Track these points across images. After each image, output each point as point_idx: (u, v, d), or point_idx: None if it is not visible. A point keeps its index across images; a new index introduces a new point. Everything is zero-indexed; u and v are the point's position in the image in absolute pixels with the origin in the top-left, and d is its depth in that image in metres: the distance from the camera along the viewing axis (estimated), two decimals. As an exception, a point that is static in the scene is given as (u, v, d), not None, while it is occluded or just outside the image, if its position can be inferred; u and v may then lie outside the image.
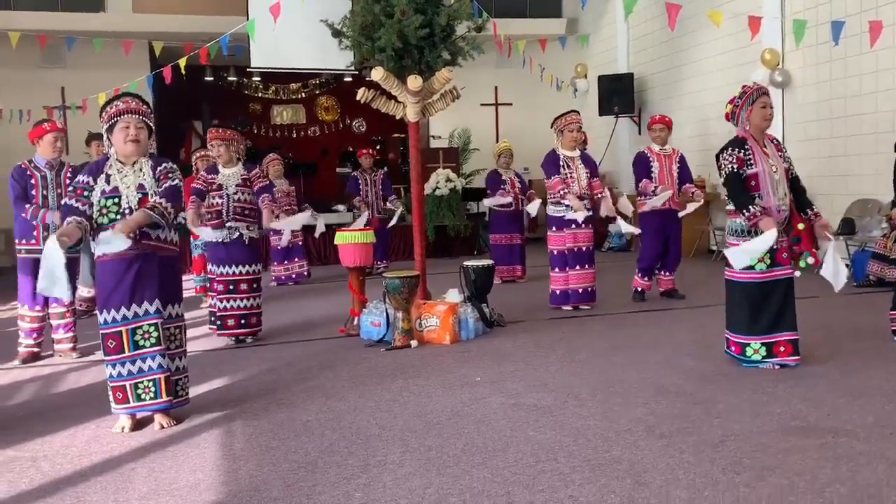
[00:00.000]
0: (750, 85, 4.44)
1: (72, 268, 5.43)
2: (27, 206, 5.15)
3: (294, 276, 9.18)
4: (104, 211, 3.65)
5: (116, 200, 3.66)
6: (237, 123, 13.27)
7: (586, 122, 9.40)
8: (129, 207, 3.65)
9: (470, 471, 3.00)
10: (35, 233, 5.23)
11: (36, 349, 5.40)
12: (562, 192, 6.35)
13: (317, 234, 8.05)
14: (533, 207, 7.70)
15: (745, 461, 2.98)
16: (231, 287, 5.63)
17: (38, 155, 5.28)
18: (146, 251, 3.67)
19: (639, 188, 6.82)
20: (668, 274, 6.93)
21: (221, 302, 5.65)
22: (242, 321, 5.69)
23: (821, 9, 8.38)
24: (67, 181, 5.27)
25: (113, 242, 3.54)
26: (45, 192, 5.23)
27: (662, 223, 6.75)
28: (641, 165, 6.82)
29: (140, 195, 3.69)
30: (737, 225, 4.34)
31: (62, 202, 3.67)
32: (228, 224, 5.64)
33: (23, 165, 5.26)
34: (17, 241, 5.31)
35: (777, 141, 4.49)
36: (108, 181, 3.69)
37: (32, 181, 5.21)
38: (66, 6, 11.76)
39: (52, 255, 3.37)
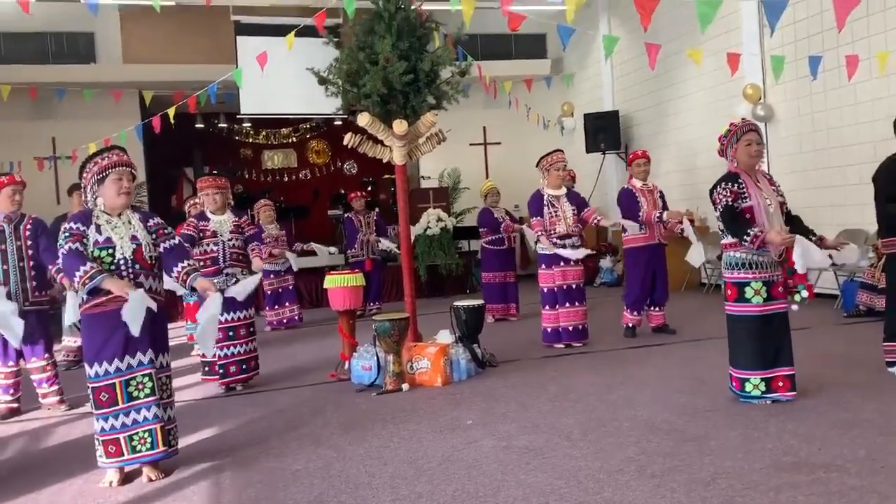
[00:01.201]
0: (737, 122, 4.48)
1: (47, 321, 5.41)
2: None
3: (286, 320, 9.16)
4: (98, 262, 3.65)
5: (111, 251, 3.67)
6: (228, 170, 13.41)
7: (574, 159, 9.51)
8: (124, 258, 3.67)
9: (460, 517, 2.97)
10: (1, 288, 5.07)
11: (14, 405, 5.32)
12: (538, 235, 6.47)
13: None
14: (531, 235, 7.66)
15: (737, 500, 2.96)
16: (231, 333, 5.60)
17: None
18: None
19: (623, 225, 6.83)
20: (658, 309, 6.93)
21: (222, 350, 5.60)
22: (244, 366, 5.70)
23: (798, 44, 8.56)
24: (28, 233, 5.23)
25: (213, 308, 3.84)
26: (2, 247, 5.14)
27: (649, 258, 6.78)
28: (630, 201, 6.84)
29: (134, 246, 3.71)
30: (733, 258, 4.34)
31: (66, 247, 3.60)
32: (225, 270, 5.64)
33: None
34: None
35: (769, 176, 4.53)
36: (99, 231, 3.69)
37: None
38: (56, 58, 11.91)
39: (135, 305, 3.53)
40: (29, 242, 5.21)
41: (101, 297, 3.61)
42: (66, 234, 3.66)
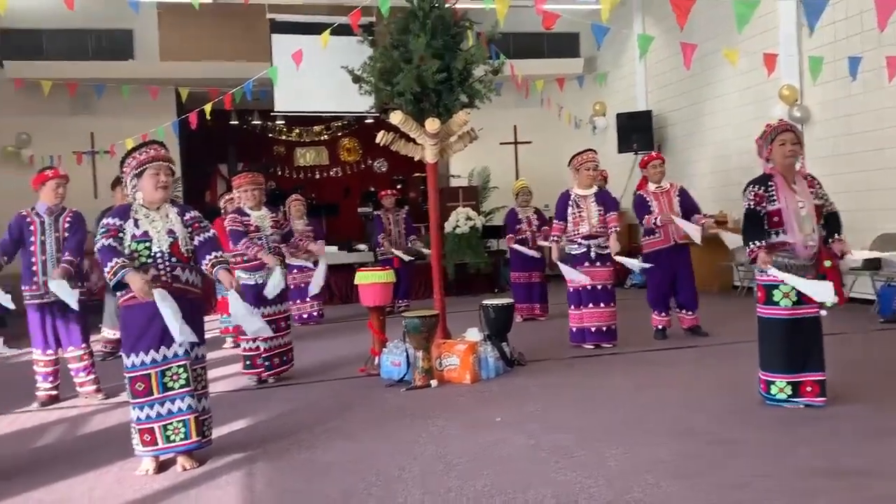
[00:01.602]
0: (773, 123, 4.43)
1: (85, 310, 5.53)
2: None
3: (306, 315, 9.18)
4: (135, 255, 3.74)
5: (147, 245, 3.75)
6: (261, 167, 13.57)
7: (605, 159, 9.45)
8: (161, 252, 3.75)
9: (490, 513, 2.99)
10: (35, 278, 5.26)
11: (53, 392, 5.46)
12: (555, 239, 6.61)
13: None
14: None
15: (771, 502, 2.93)
16: (273, 326, 5.66)
17: (40, 201, 5.36)
18: (174, 294, 3.73)
19: (643, 227, 6.79)
20: (688, 312, 6.84)
21: (265, 342, 5.68)
22: (284, 358, 5.83)
23: (838, 45, 8.41)
24: (66, 225, 5.36)
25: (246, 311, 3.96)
26: (42, 238, 5.29)
27: (669, 260, 6.70)
28: (640, 208, 6.79)
29: (171, 240, 3.79)
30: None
31: (101, 242, 3.71)
32: (267, 266, 5.72)
33: (24, 213, 5.34)
34: (22, 287, 5.34)
35: (811, 177, 4.44)
36: (136, 225, 3.78)
37: (31, 227, 5.28)
38: (95, 55, 12.15)
39: (165, 302, 3.59)
40: (66, 234, 5.34)
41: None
42: (103, 230, 3.77)
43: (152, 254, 3.75)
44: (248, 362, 5.82)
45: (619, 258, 6.49)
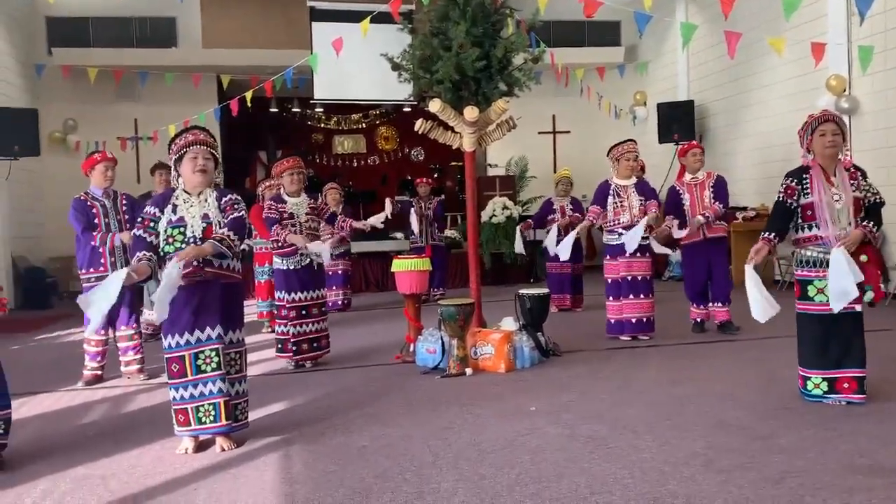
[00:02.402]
0: (815, 113, 4.33)
1: (132, 294, 5.65)
2: (94, 234, 5.38)
3: (329, 304, 9.15)
4: (170, 240, 3.81)
5: (182, 229, 3.81)
6: (300, 154, 13.71)
7: (646, 149, 9.34)
8: (194, 237, 3.80)
9: (523, 501, 2.99)
10: (102, 260, 5.43)
11: (99, 372, 5.61)
12: (591, 220, 6.61)
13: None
14: (550, 238, 7.60)
15: (808, 499, 2.89)
16: (304, 312, 5.77)
17: (92, 185, 5.52)
18: (209, 278, 3.80)
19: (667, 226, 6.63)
20: (720, 305, 6.66)
21: (295, 328, 5.77)
22: (315, 344, 5.87)
23: (889, 34, 8.17)
24: (124, 208, 5.52)
25: (172, 275, 3.60)
26: (107, 220, 5.46)
27: (700, 254, 6.59)
28: (673, 205, 6.65)
29: (204, 224, 3.83)
30: (801, 255, 4.25)
31: (134, 232, 3.84)
32: (301, 251, 5.79)
33: (82, 197, 5.48)
34: (81, 269, 5.52)
35: (855, 168, 4.31)
36: (174, 211, 3.85)
37: (94, 211, 5.44)
38: (140, 42, 12.37)
39: (112, 285, 3.54)
40: (126, 216, 5.49)
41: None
42: (139, 219, 3.88)
43: (186, 238, 3.79)
44: (279, 346, 5.95)
45: (654, 243, 6.43)
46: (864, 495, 2.91)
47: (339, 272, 9.31)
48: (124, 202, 5.58)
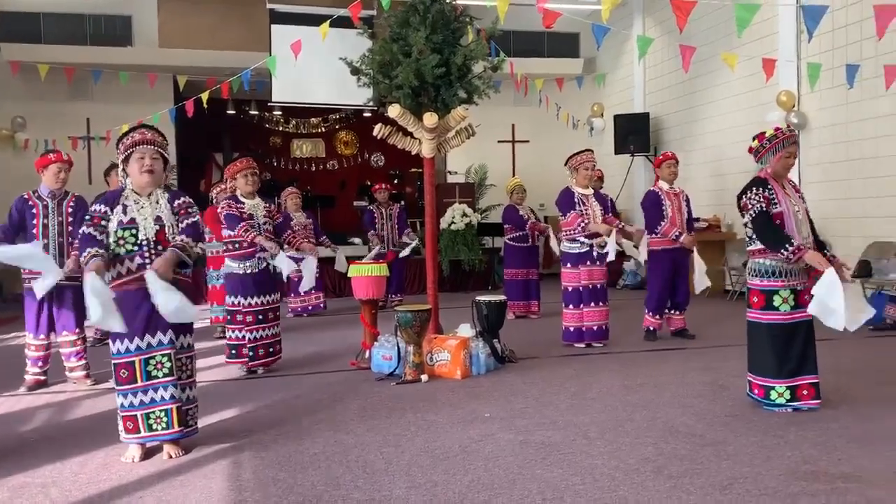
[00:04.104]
0: (783, 130, 4.39)
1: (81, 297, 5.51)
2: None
3: (311, 307, 9.24)
4: (121, 242, 3.70)
5: (134, 232, 3.71)
6: (256, 156, 13.55)
7: (602, 160, 9.48)
8: (147, 239, 3.71)
9: (475, 508, 2.99)
10: None
11: (42, 377, 5.45)
12: (581, 226, 6.35)
13: (337, 267, 7.99)
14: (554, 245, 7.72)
15: (754, 505, 2.95)
16: (260, 317, 5.69)
17: (42, 184, 5.38)
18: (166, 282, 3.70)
19: (661, 231, 6.71)
20: (678, 313, 6.87)
21: (252, 333, 5.68)
22: (271, 349, 5.79)
23: (836, 52, 8.44)
24: (70, 209, 5.38)
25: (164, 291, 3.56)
26: (45, 221, 5.30)
27: (672, 260, 6.73)
28: (655, 204, 6.78)
29: (157, 227, 3.75)
30: (761, 266, 4.30)
31: (81, 230, 3.72)
32: (258, 253, 5.70)
33: (25, 195, 5.35)
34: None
35: (794, 183, 4.49)
36: (124, 212, 3.74)
37: (34, 210, 5.29)
38: (94, 40, 12.10)
39: (100, 290, 3.40)
40: (70, 219, 5.34)
41: (124, 276, 3.67)
42: (87, 218, 3.75)
43: (138, 241, 3.70)
44: (233, 351, 5.83)
45: (623, 242, 6.51)
46: (808, 500, 2.98)
47: (316, 276, 9.24)
48: (71, 204, 5.42)
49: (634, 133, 12.02)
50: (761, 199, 4.22)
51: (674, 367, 5.66)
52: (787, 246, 4.10)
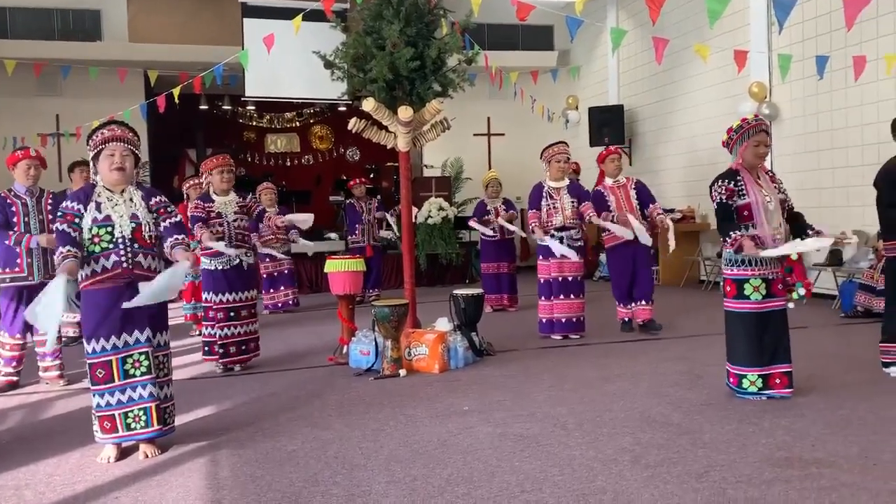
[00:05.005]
0: (749, 120, 4.42)
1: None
2: (10, 233, 5.13)
3: (280, 304, 9.16)
4: (96, 240, 3.65)
5: (109, 229, 3.66)
6: (230, 152, 13.42)
7: (578, 152, 9.51)
8: (122, 237, 3.66)
9: (455, 501, 2.99)
10: (18, 260, 5.20)
11: (14, 378, 5.36)
12: (532, 227, 6.53)
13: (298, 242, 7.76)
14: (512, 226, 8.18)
15: (729, 492, 2.98)
16: (232, 314, 5.62)
17: (16, 182, 5.30)
18: (136, 280, 3.67)
19: (600, 224, 6.68)
20: (644, 303, 6.74)
21: (222, 330, 5.62)
22: (243, 347, 5.72)
23: (806, 44, 8.54)
24: (49, 207, 5.31)
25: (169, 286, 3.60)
26: (26, 219, 5.23)
27: (626, 254, 6.66)
28: (599, 203, 6.74)
29: (133, 224, 3.70)
30: (733, 255, 4.35)
31: (55, 226, 3.66)
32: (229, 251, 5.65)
33: (2, 194, 5.26)
34: (0, 269, 5.28)
35: (772, 173, 4.52)
36: (98, 209, 3.69)
37: (13, 209, 5.21)
38: (62, 35, 11.88)
39: (54, 294, 3.31)
40: (50, 217, 5.26)
41: (99, 274, 3.62)
42: (60, 214, 3.68)
43: (114, 239, 3.66)
44: (206, 349, 5.79)
45: (548, 241, 6.46)
46: (782, 486, 3.02)
47: (286, 272, 9.21)
48: (49, 201, 5.35)
49: (609, 125, 12.07)
50: (723, 192, 4.30)
51: (649, 357, 5.71)
52: (729, 234, 4.22)
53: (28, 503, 3.16)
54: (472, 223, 8.60)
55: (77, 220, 3.65)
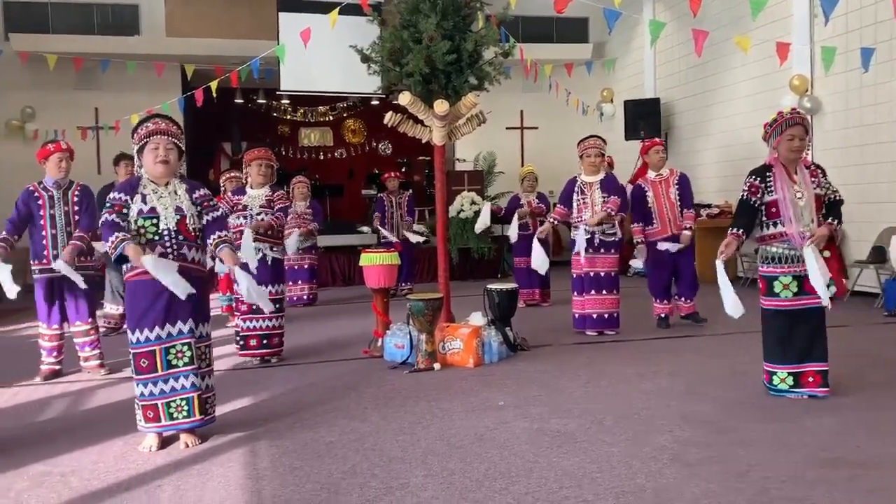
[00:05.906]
0: (785, 113, 4.33)
1: (93, 286, 5.55)
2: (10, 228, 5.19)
3: (295, 298, 9.05)
4: (142, 231, 3.70)
5: (154, 221, 3.71)
6: (265, 146, 13.57)
7: (612, 146, 9.40)
8: (168, 229, 3.72)
9: (493, 496, 2.99)
10: (45, 252, 5.28)
11: (57, 367, 5.47)
12: (551, 219, 6.72)
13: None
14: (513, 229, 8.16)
15: (772, 492, 2.94)
16: (254, 307, 5.61)
17: (47, 175, 5.37)
18: (180, 272, 3.71)
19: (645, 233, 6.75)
20: (686, 301, 6.78)
21: (245, 322, 5.69)
22: (265, 341, 5.73)
23: (850, 36, 8.34)
24: (76, 199, 5.37)
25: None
26: (51, 212, 5.29)
27: (665, 250, 6.65)
28: (639, 201, 6.73)
29: (178, 217, 3.75)
30: (765, 252, 4.32)
31: (104, 217, 3.69)
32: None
33: (31, 187, 5.34)
34: (32, 261, 5.36)
35: (815, 167, 4.39)
36: (144, 201, 3.74)
37: (39, 202, 5.28)
38: (101, 30, 12.08)
39: (166, 267, 3.56)
40: (76, 208, 5.34)
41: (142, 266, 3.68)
42: (108, 205, 3.73)
43: (159, 231, 3.71)
44: (241, 343, 5.82)
45: (574, 235, 6.51)
46: (826, 488, 2.97)
47: (306, 266, 9.22)
48: (77, 192, 5.41)
49: (644, 118, 11.93)
50: (748, 188, 4.28)
51: (687, 354, 5.64)
52: (731, 229, 4.27)
53: (75, 489, 3.23)
54: (510, 233, 8.30)
55: (125, 211, 3.71)
